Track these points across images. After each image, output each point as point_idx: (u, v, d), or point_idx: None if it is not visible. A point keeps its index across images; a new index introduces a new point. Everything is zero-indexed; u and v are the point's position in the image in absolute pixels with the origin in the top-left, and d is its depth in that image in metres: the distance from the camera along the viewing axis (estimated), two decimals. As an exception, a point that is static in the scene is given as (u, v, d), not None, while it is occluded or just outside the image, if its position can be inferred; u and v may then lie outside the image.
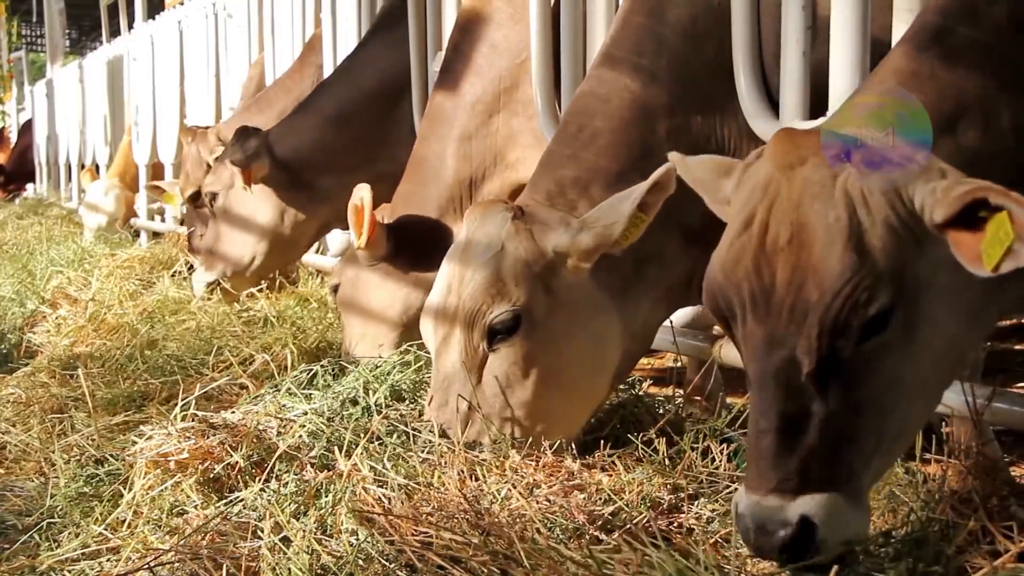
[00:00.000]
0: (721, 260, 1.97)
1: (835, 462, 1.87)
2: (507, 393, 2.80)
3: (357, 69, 5.09)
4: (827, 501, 1.85)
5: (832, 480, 1.86)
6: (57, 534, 2.74)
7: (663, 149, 2.95)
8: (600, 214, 2.81)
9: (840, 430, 1.87)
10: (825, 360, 1.85)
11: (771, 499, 1.86)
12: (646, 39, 3.06)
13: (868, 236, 1.86)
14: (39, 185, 16.17)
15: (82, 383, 3.72)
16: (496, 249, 2.83)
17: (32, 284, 6.46)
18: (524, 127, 4.00)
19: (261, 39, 7.54)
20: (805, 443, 1.86)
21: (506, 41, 4.07)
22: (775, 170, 1.94)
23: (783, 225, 1.89)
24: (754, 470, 1.89)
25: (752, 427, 1.92)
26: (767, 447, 1.87)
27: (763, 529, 1.86)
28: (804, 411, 1.86)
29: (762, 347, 1.89)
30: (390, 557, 2.21)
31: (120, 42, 12.48)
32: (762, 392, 1.89)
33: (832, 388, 1.86)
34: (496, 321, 2.79)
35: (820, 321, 1.84)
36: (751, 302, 1.90)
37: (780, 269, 1.88)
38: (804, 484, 1.85)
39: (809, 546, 1.85)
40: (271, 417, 3.00)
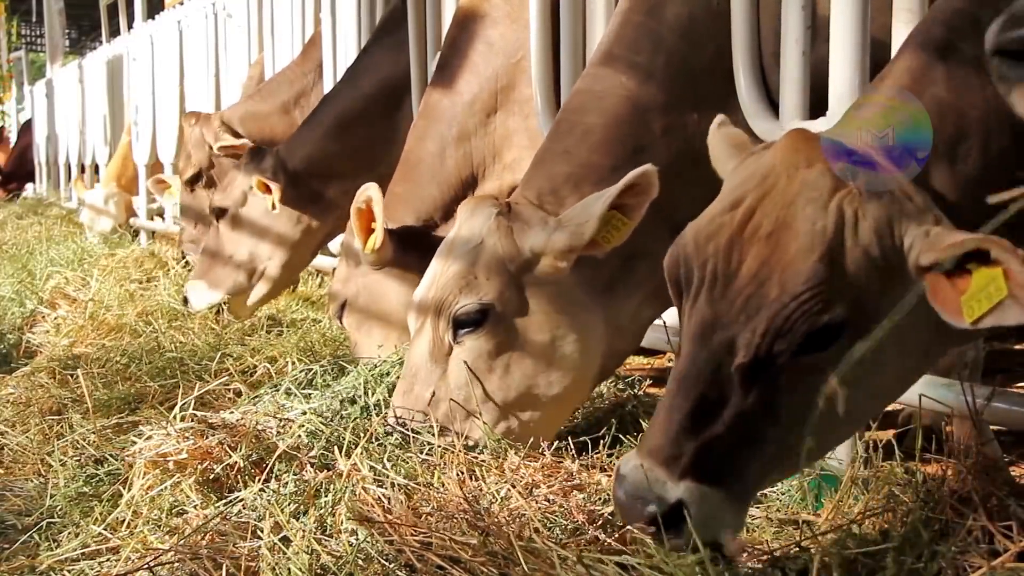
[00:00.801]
0: (696, 230, 1.97)
1: (730, 459, 1.87)
2: (470, 386, 2.81)
3: (360, 76, 5.08)
4: (709, 495, 1.86)
5: (721, 476, 1.87)
6: (57, 534, 2.74)
7: (658, 146, 2.96)
8: (574, 213, 2.83)
9: (747, 430, 1.87)
10: (761, 359, 1.85)
11: (657, 471, 1.86)
12: (644, 37, 3.06)
13: (846, 256, 1.86)
14: (39, 185, 16.16)
15: (81, 384, 3.72)
16: (476, 243, 2.86)
17: (32, 284, 6.46)
18: (520, 127, 3.99)
19: (261, 39, 7.54)
20: (710, 431, 1.86)
21: (503, 40, 4.06)
22: (778, 164, 1.95)
23: (768, 217, 1.90)
24: (651, 436, 1.90)
25: (666, 395, 1.92)
26: (673, 420, 1.87)
27: (637, 496, 1.87)
28: (722, 400, 1.87)
29: (705, 326, 1.90)
30: (390, 557, 2.21)
31: (120, 42, 12.48)
32: (688, 368, 1.90)
33: (755, 387, 1.86)
34: (461, 312, 2.82)
35: (770, 318, 1.84)
36: (711, 280, 1.91)
37: (750, 258, 1.88)
38: (693, 469, 1.85)
39: (676, 530, 1.85)
40: (270, 417, 2.99)
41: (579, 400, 2.98)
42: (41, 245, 8.24)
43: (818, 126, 2.80)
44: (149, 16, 10.95)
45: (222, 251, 5.20)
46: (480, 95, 4.03)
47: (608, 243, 2.80)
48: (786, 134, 2.00)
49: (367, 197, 3.66)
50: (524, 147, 3.97)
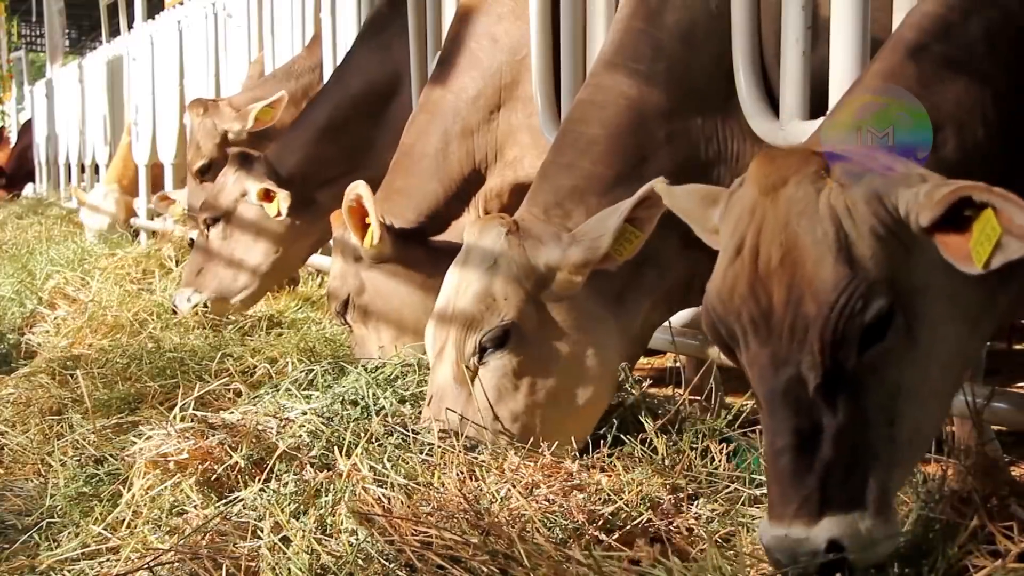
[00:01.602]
0: (717, 289, 1.98)
1: (856, 476, 1.86)
2: (499, 406, 2.82)
3: (346, 78, 5.08)
4: (852, 521, 1.84)
5: (855, 498, 1.85)
6: (57, 534, 2.73)
7: (662, 154, 2.97)
8: (588, 228, 2.84)
9: (854, 442, 1.87)
10: (831, 373, 1.86)
11: (796, 529, 1.84)
12: (644, 44, 3.06)
13: (856, 247, 1.88)
14: (39, 185, 16.16)
15: (80, 384, 3.72)
16: (489, 264, 2.86)
17: (31, 284, 6.46)
18: (522, 124, 3.98)
19: (261, 39, 7.54)
20: (822, 459, 1.85)
21: (507, 36, 4.05)
22: (758, 193, 1.96)
23: (773, 246, 1.91)
24: (775, 494, 1.88)
25: (768, 451, 1.91)
26: (785, 467, 1.86)
27: (793, 562, 1.84)
28: (817, 427, 1.86)
29: (768, 368, 1.90)
30: (390, 557, 2.21)
31: (120, 42, 12.48)
32: (773, 413, 1.90)
33: (841, 400, 1.87)
34: (486, 338, 2.82)
35: (820, 335, 1.85)
36: (751, 326, 1.92)
37: (776, 289, 1.89)
38: (826, 503, 1.84)
39: (843, 568, 1.83)
40: (270, 417, 2.99)
41: (602, 409, 2.99)
42: (41, 245, 8.24)
43: (818, 126, 2.81)
44: (149, 16, 10.95)
45: (211, 257, 5.20)
46: (484, 91, 4.02)
47: (620, 256, 2.81)
48: (752, 164, 2.01)
49: (356, 195, 3.66)
50: (526, 144, 3.97)
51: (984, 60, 2.12)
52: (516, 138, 4.00)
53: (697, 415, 2.98)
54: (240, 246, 5.15)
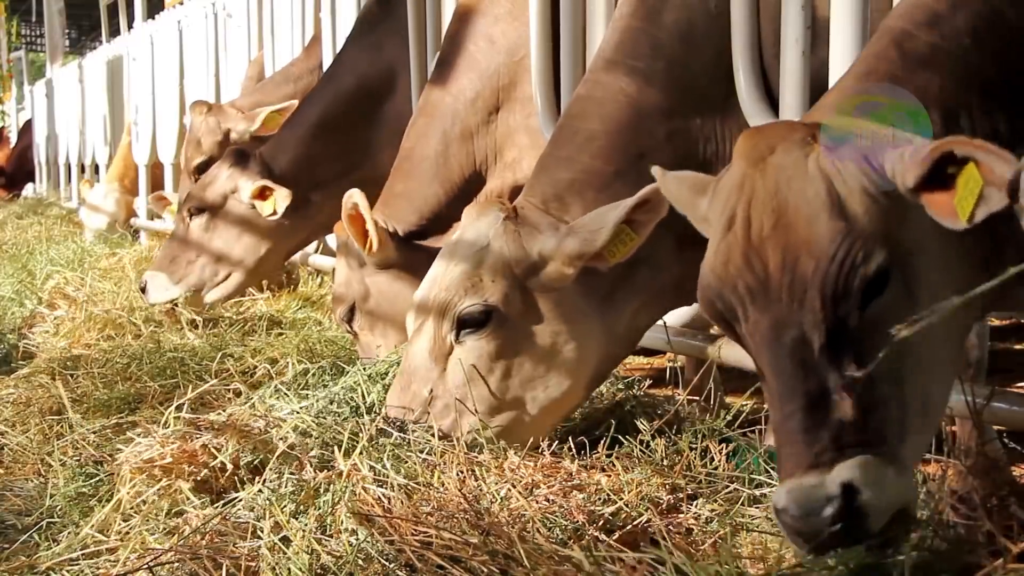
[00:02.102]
0: (711, 264, 1.98)
1: (865, 428, 1.84)
2: (470, 388, 2.82)
3: (337, 78, 5.08)
4: (864, 461, 1.81)
5: (866, 443, 1.83)
6: (56, 534, 2.73)
7: (660, 151, 2.97)
8: (587, 221, 2.84)
9: (863, 399, 1.85)
10: (834, 330, 1.85)
11: (808, 477, 1.81)
12: (643, 43, 3.07)
13: (849, 204, 1.88)
14: (39, 185, 16.16)
15: (81, 384, 3.72)
16: (482, 244, 2.87)
17: (31, 284, 6.46)
18: (521, 126, 3.99)
19: (261, 39, 7.54)
20: (832, 416, 1.83)
21: (504, 37, 4.05)
22: (746, 166, 1.97)
23: (765, 214, 1.91)
24: (785, 458, 1.86)
25: (775, 416, 1.89)
26: (795, 427, 1.84)
27: (807, 512, 1.80)
28: (824, 386, 1.85)
29: (770, 334, 1.89)
30: (390, 557, 2.21)
31: (120, 42, 12.48)
32: (779, 377, 1.88)
33: (846, 358, 1.85)
34: (465, 312, 2.82)
35: (820, 290, 1.84)
36: (749, 295, 1.91)
37: (771, 254, 1.89)
38: (838, 452, 1.81)
39: (859, 517, 1.79)
40: (259, 417, 2.98)
41: (574, 405, 3.00)
42: (41, 245, 8.24)
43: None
44: (149, 16, 10.96)
45: (191, 248, 5.21)
46: (483, 92, 4.02)
47: (613, 257, 2.81)
48: (737, 141, 2.02)
49: (353, 203, 3.66)
50: (525, 146, 3.97)
51: (971, 51, 2.14)
52: (515, 140, 4.01)
53: (696, 415, 2.99)
54: (223, 240, 5.18)
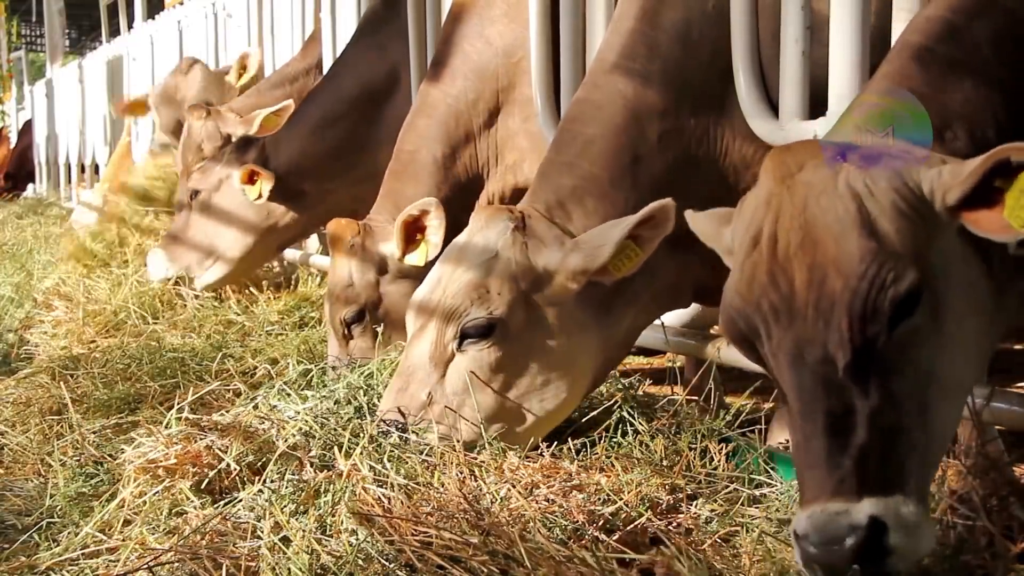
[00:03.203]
0: (735, 284, 1.93)
1: (890, 460, 1.78)
2: (466, 394, 2.83)
3: (340, 76, 5.10)
4: (895, 503, 1.75)
5: (893, 483, 1.76)
6: (57, 534, 2.73)
7: (653, 156, 2.99)
8: (591, 236, 2.85)
9: (887, 424, 1.79)
10: (860, 351, 1.80)
11: (833, 504, 1.74)
12: (641, 44, 3.07)
13: (880, 223, 1.84)
14: (39, 185, 16.16)
15: (80, 384, 3.72)
16: (490, 255, 2.87)
17: (30, 284, 6.45)
18: (520, 128, 3.98)
19: (261, 39, 7.54)
20: (855, 440, 1.77)
21: (501, 38, 4.04)
22: (774, 184, 1.93)
23: (792, 231, 1.86)
24: (807, 481, 1.79)
25: (797, 437, 1.83)
26: (818, 451, 1.78)
27: (830, 540, 1.73)
28: (848, 408, 1.79)
29: (794, 352, 1.83)
30: (390, 557, 2.21)
31: (120, 42, 12.49)
32: (802, 397, 1.82)
33: (872, 380, 1.80)
34: (470, 324, 2.84)
35: (848, 309, 1.79)
36: (773, 314, 1.86)
37: (797, 272, 1.84)
38: (865, 485, 1.75)
39: (883, 553, 1.73)
40: (264, 419, 2.98)
41: (570, 411, 3.01)
42: (40, 245, 8.24)
43: (817, 126, 2.81)
44: (149, 16, 10.96)
45: (188, 230, 5.39)
46: (483, 94, 4.01)
47: (618, 272, 2.81)
48: (765, 159, 1.99)
49: (423, 211, 3.64)
50: (524, 149, 3.97)
51: (990, 62, 2.12)
52: (515, 142, 4.00)
53: (696, 415, 2.99)
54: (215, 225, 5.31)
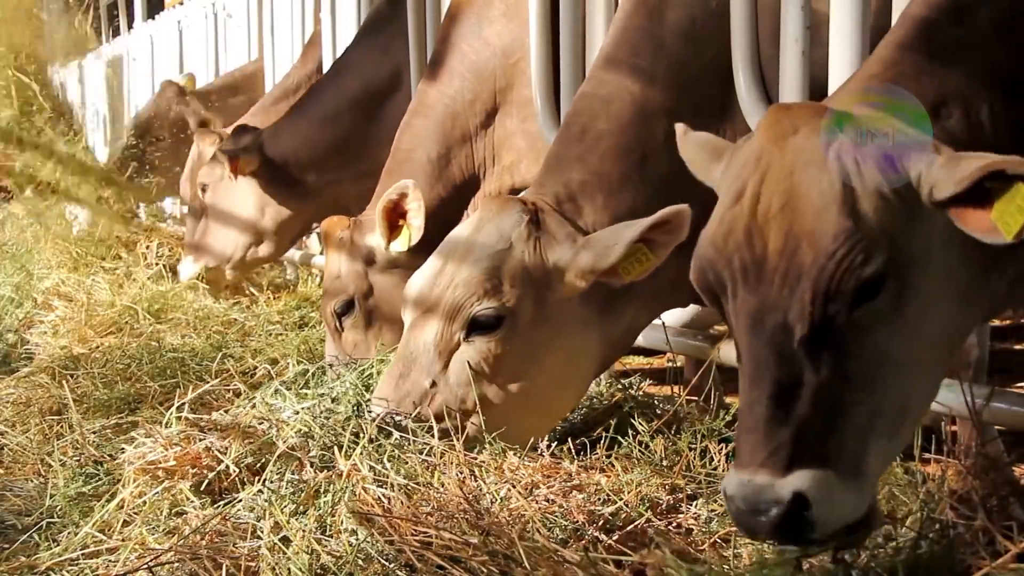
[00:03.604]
0: (711, 234, 1.94)
1: (829, 437, 1.81)
2: (472, 387, 2.80)
3: (343, 73, 5.11)
4: (822, 477, 1.78)
5: (827, 456, 1.80)
6: (57, 534, 2.73)
7: (661, 154, 2.97)
8: (603, 236, 2.83)
9: (833, 402, 1.82)
10: (818, 326, 1.82)
11: (761, 475, 1.78)
12: (645, 41, 3.06)
13: (861, 202, 1.85)
14: (39, 185, 16.13)
15: (80, 384, 3.72)
16: (504, 246, 2.84)
17: (30, 284, 6.44)
18: (517, 129, 3.98)
19: (261, 39, 7.54)
20: (797, 413, 1.80)
21: (499, 38, 4.04)
22: (767, 142, 1.94)
23: (775, 194, 1.88)
24: (743, 444, 1.83)
25: (742, 400, 1.87)
26: (758, 417, 1.81)
27: (754, 509, 1.78)
28: (796, 380, 1.82)
29: (754, 316, 1.86)
30: (390, 557, 2.21)
31: (120, 42, 12.49)
32: (754, 361, 1.85)
33: (825, 356, 1.82)
34: (480, 314, 2.80)
35: (814, 284, 1.82)
36: (742, 272, 1.88)
37: (772, 236, 1.86)
38: (796, 458, 1.78)
39: (804, 525, 1.77)
40: (263, 419, 2.98)
41: (570, 407, 3.01)
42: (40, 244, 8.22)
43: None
44: (149, 16, 10.96)
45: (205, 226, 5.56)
46: (481, 95, 4.01)
47: (628, 275, 2.79)
48: (764, 114, 1.99)
49: (401, 194, 3.62)
50: (522, 149, 3.97)
51: (994, 44, 2.12)
52: (512, 143, 4.00)
53: (696, 415, 2.99)
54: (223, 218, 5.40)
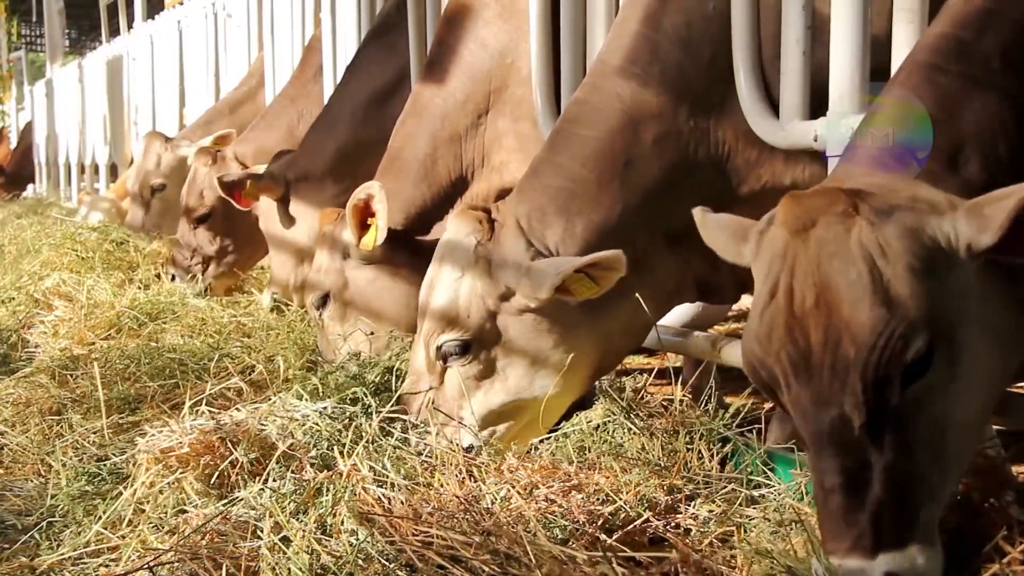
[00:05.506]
0: (755, 333, 1.99)
1: (906, 511, 1.88)
2: (463, 400, 2.95)
3: (352, 83, 5.10)
4: (908, 556, 1.86)
5: (907, 532, 1.87)
6: (58, 534, 2.73)
7: (648, 159, 3.00)
8: (542, 267, 2.88)
9: (903, 475, 1.88)
10: (874, 412, 1.87)
11: (852, 560, 1.86)
12: (641, 47, 3.07)
13: (893, 286, 1.88)
14: (39, 185, 16.15)
15: (80, 384, 3.72)
16: (457, 276, 2.97)
17: (29, 285, 6.45)
18: (509, 129, 3.99)
19: (261, 39, 7.55)
20: (872, 495, 1.87)
21: (495, 39, 4.05)
22: (789, 236, 1.97)
23: (807, 288, 1.91)
24: (828, 530, 1.90)
25: (817, 489, 1.93)
26: (836, 506, 1.88)
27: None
28: (864, 463, 1.88)
29: (811, 409, 1.91)
30: (390, 557, 2.21)
31: (120, 42, 12.49)
32: (820, 452, 1.91)
33: (887, 436, 1.88)
34: (445, 347, 2.96)
35: (861, 376, 1.86)
36: (792, 367, 1.92)
37: (813, 331, 1.89)
38: (880, 539, 1.86)
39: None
40: (277, 416, 2.99)
41: (573, 400, 3.04)
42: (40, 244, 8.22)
43: (818, 126, 2.81)
44: (149, 16, 10.96)
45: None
46: (473, 95, 4.02)
47: (578, 295, 2.86)
48: (779, 206, 2.02)
49: (369, 195, 3.69)
50: (512, 149, 3.97)
51: (999, 76, 2.13)
52: (502, 143, 4.01)
53: (695, 415, 2.98)
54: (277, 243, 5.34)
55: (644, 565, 2.17)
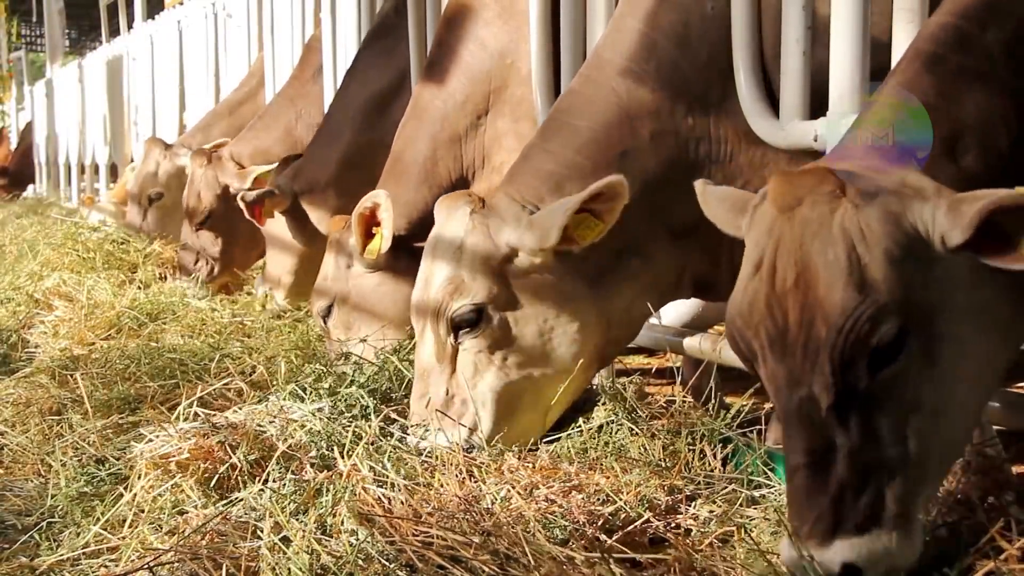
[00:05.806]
0: (737, 305, 2.00)
1: (870, 496, 1.87)
2: (478, 380, 2.91)
3: (352, 88, 5.10)
4: (868, 541, 1.86)
5: (871, 517, 1.87)
6: (57, 534, 2.73)
7: (644, 152, 3.00)
8: (543, 215, 2.89)
9: (869, 461, 1.88)
10: (842, 394, 1.87)
11: (810, 544, 1.86)
12: (638, 43, 3.07)
13: (868, 270, 1.88)
14: (39, 185, 16.15)
15: (80, 384, 3.71)
16: (456, 245, 2.94)
17: (29, 285, 6.45)
18: (509, 129, 3.99)
19: (261, 39, 7.54)
20: (836, 478, 1.87)
21: (495, 40, 4.05)
22: (776, 212, 1.98)
23: (789, 266, 1.93)
24: (792, 511, 1.91)
25: (787, 463, 1.94)
26: (799, 485, 1.89)
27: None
28: (830, 446, 1.88)
29: (784, 386, 1.92)
30: (390, 557, 2.21)
31: (120, 42, 12.48)
32: (789, 430, 1.93)
33: (854, 420, 1.88)
34: (456, 315, 2.91)
35: (830, 357, 1.87)
36: (769, 342, 1.94)
37: (791, 309, 1.91)
38: (840, 524, 1.86)
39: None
40: (274, 418, 2.99)
41: (578, 385, 3.03)
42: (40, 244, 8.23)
43: (818, 126, 2.81)
44: (149, 16, 10.96)
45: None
46: (473, 96, 4.03)
47: (584, 240, 2.86)
48: (769, 182, 2.03)
49: (375, 203, 3.69)
50: (512, 149, 3.97)
51: (1003, 69, 2.13)
52: (502, 143, 4.02)
53: (695, 415, 2.98)
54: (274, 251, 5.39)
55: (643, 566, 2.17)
